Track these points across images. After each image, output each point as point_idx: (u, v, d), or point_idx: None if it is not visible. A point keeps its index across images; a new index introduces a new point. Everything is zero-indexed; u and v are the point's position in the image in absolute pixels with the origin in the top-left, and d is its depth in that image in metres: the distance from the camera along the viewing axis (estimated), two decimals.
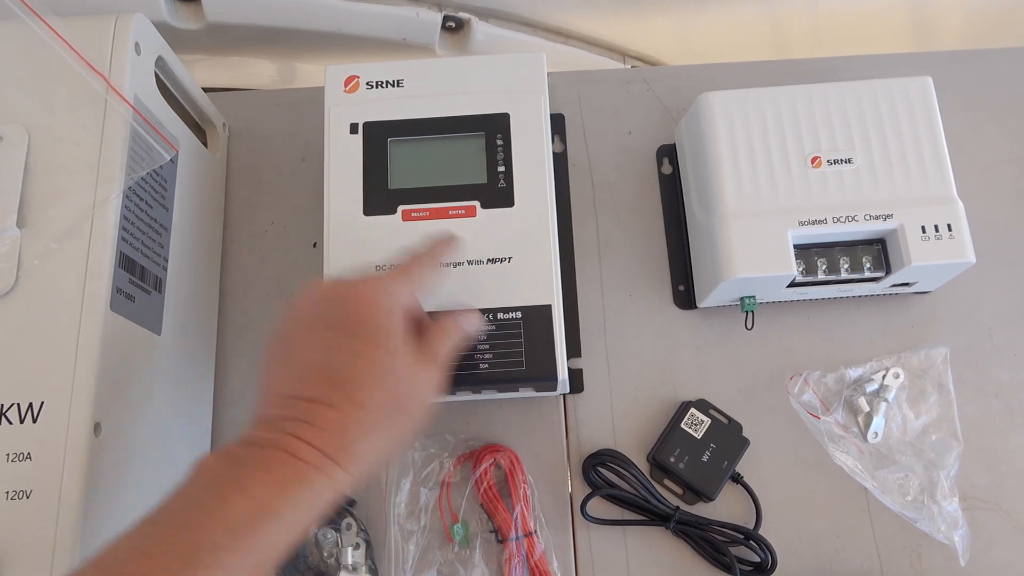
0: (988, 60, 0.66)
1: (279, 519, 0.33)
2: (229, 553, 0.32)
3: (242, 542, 0.32)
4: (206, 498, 0.33)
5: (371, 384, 0.38)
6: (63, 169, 0.46)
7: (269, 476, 0.34)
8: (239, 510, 0.33)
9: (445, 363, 0.43)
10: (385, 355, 0.39)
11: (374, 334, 0.39)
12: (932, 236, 0.52)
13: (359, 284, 0.41)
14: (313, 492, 0.35)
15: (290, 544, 0.34)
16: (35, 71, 0.47)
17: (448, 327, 0.44)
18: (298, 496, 0.34)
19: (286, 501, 0.34)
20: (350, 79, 0.55)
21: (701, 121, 0.56)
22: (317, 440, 0.35)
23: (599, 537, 0.55)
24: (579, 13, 0.77)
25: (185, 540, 0.31)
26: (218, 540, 0.32)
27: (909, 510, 0.54)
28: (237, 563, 0.32)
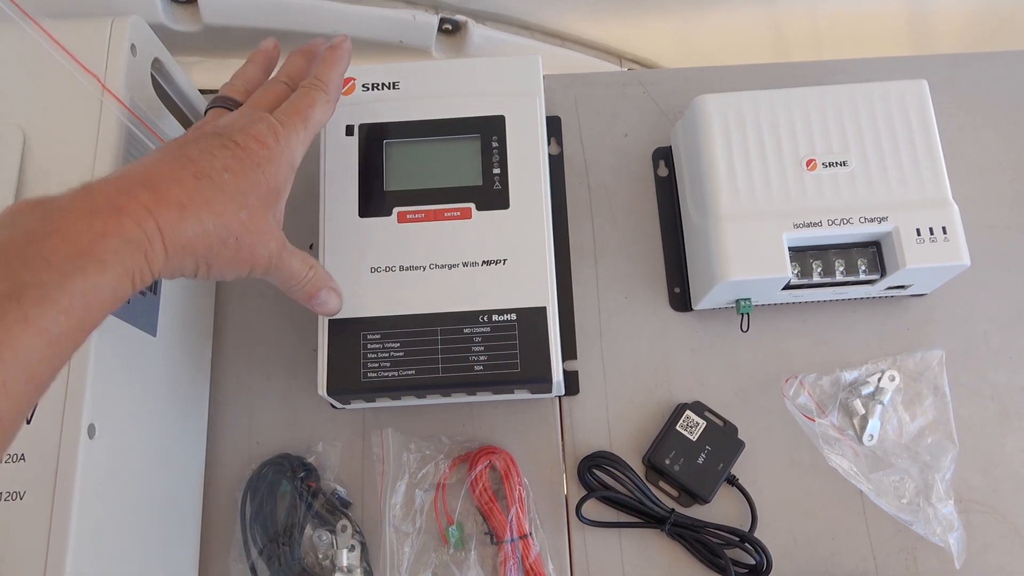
0: (984, 63, 0.67)
1: (103, 266, 0.33)
2: (56, 289, 0.31)
3: (68, 282, 0.32)
4: (21, 240, 0.32)
5: (229, 177, 0.39)
6: (58, 171, 0.46)
7: (90, 223, 0.33)
8: (60, 253, 0.32)
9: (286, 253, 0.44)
10: (254, 171, 0.40)
11: (255, 152, 0.41)
12: (927, 239, 0.52)
13: (258, 120, 0.42)
14: (132, 247, 0.34)
15: (113, 303, 0.34)
16: (30, 73, 0.47)
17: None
18: (117, 246, 0.33)
19: (106, 250, 0.33)
20: (346, 81, 0.55)
21: (696, 124, 0.56)
22: (151, 204, 0.35)
23: (594, 539, 0.55)
24: (575, 16, 0.77)
25: (6, 277, 0.31)
26: (43, 277, 0.31)
27: (904, 513, 0.53)
28: (68, 303, 0.31)
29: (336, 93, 0.47)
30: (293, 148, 0.43)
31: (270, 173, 0.41)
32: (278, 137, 0.42)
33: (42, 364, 0.31)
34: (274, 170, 0.41)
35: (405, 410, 0.58)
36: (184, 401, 0.55)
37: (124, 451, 0.46)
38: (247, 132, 0.41)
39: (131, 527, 0.47)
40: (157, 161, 0.38)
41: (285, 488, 0.55)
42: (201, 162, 0.39)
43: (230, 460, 0.58)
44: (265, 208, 0.41)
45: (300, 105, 0.44)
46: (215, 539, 0.56)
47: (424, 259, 0.51)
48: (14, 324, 0.30)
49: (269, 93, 0.46)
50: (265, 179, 0.41)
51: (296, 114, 0.44)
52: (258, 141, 0.41)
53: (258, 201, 0.41)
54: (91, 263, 0.33)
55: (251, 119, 0.42)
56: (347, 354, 0.50)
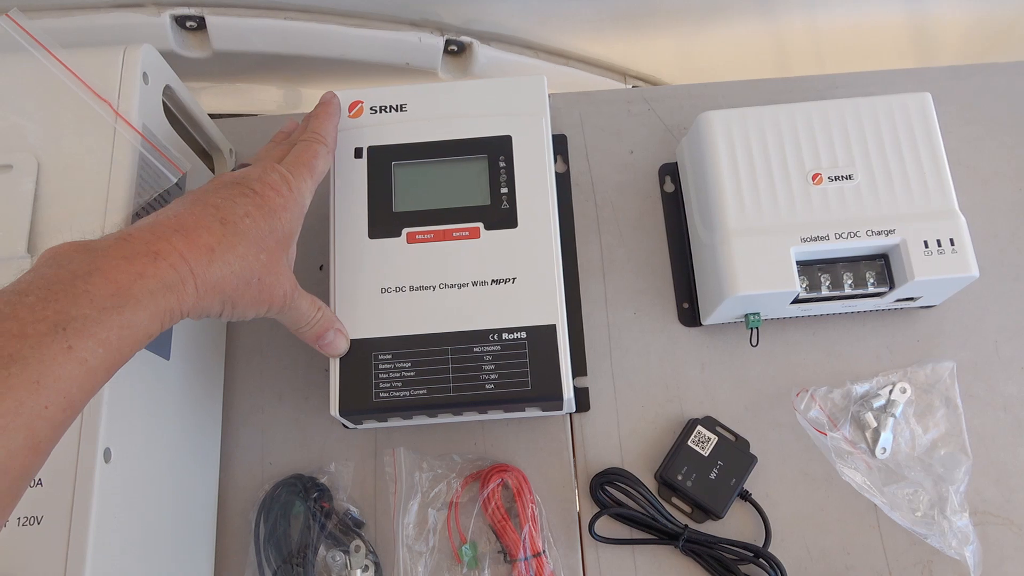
0: (987, 75, 0.67)
1: (139, 305, 0.35)
2: (95, 323, 0.34)
3: (108, 317, 0.34)
4: (67, 277, 0.34)
5: (251, 223, 0.42)
6: (72, 196, 0.47)
7: (130, 265, 0.36)
8: (102, 290, 0.34)
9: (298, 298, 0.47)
10: (271, 217, 0.43)
11: (271, 199, 0.44)
12: (935, 250, 0.52)
13: (271, 170, 0.46)
14: (166, 288, 0.37)
15: (144, 339, 0.36)
16: (44, 100, 0.48)
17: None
18: (153, 287, 0.36)
19: (143, 290, 0.36)
20: (354, 104, 0.56)
21: (702, 139, 0.57)
22: (184, 248, 0.38)
23: (608, 556, 0.55)
24: (579, 35, 0.78)
25: (52, 309, 0.33)
26: (85, 311, 0.33)
27: (919, 526, 0.53)
28: (106, 336, 0.34)
29: (333, 144, 0.52)
30: (303, 195, 0.47)
31: (285, 219, 0.44)
32: (290, 186, 0.45)
33: (79, 392, 0.33)
34: (288, 216, 0.44)
35: (417, 429, 0.58)
36: (198, 424, 0.55)
37: (139, 474, 0.46)
38: (263, 181, 0.44)
39: (146, 550, 0.47)
40: (186, 209, 0.41)
41: (298, 509, 0.55)
42: (225, 209, 0.41)
43: (243, 481, 0.58)
44: (281, 251, 0.44)
45: (304, 156, 0.48)
46: (229, 560, 0.56)
47: (434, 279, 0.52)
48: (59, 353, 0.32)
49: (275, 150, 0.50)
50: (280, 224, 0.44)
51: (302, 165, 0.47)
52: (273, 189, 0.44)
53: (275, 244, 0.43)
54: (129, 301, 0.35)
55: (264, 170, 0.45)
56: (359, 374, 0.50)
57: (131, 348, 0.36)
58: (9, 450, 0.31)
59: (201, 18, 0.66)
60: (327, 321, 0.49)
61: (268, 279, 0.43)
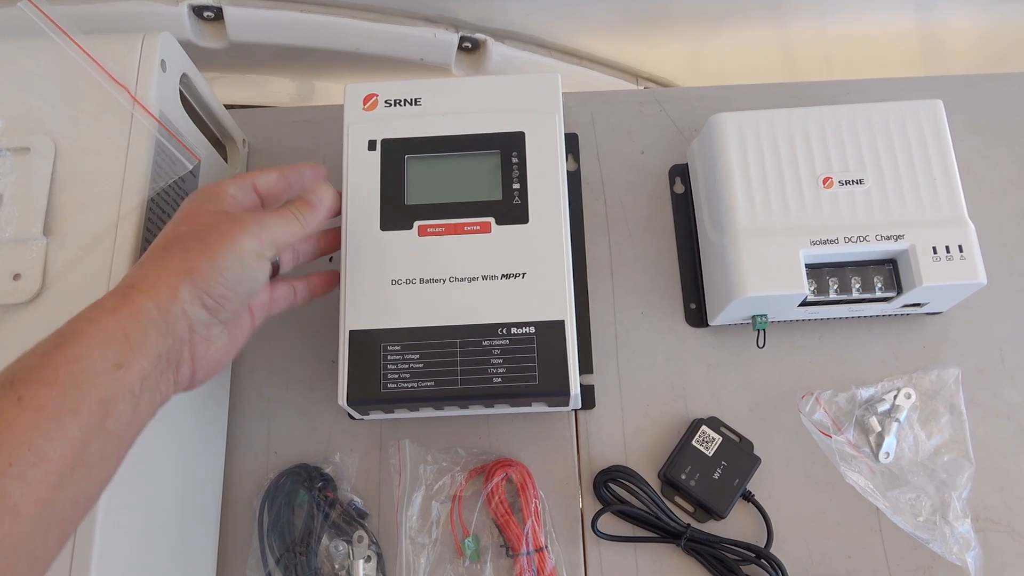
0: (998, 84, 0.67)
1: (81, 336, 0.36)
2: (40, 368, 0.34)
3: (50, 358, 0.35)
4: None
5: (183, 222, 0.42)
6: (88, 180, 0.47)
7: (119, 309, 0.37)
8: (45, 341, 0.36)
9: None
10: (202, 204, 0.44)
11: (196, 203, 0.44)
12: (943, 257, 0.52)
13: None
14: (110, 311, 0.37)
15: (113, 367, 0.36)
16: (63, 85, 0.49)
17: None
18: (93, 315, 0.37)
19: (83, 319, 0.37)
20: (369, 97, 0.56)
21: (713, 141, 0.57)
22: (127, 282, 0.39)
23: (610, 553, 0.55)
24: (592, 35, 0.79)
25: (4, 372, 0.34)
26: (28, 361, 0.35)
27: (921, 531, 0.53)
28: (53, 376, 0.34)
29: (311, 227, 0.47)
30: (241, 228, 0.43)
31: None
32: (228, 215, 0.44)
33: (45, 441, 0.32)
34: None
35: (422, 422, 0.58)
36: (205, 411, 0.56)
37: (147, 460, 0.46)
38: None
39: (152, 534, 0.47)
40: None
41: (302, 498, 0.56)
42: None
43: (248, 470, 0.58)
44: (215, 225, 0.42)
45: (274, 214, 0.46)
46: (233, 548, 0.56)
47: (444, 272, 0.52)
48: (9, 406, 0.32)
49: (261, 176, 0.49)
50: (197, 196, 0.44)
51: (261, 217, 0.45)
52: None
53: (195, 208, 0.43)
54: (70, 336, 0.36)
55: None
56: (367, 364, 0.50)
57: (94, 382, 0.35)
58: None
59: (219, 8, 0.67)
60: (302, 201, 0.47)
61: (207, 230, 0.41)
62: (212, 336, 0.42)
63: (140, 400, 0.37)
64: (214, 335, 0.42)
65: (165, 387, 0.40)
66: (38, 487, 0.32)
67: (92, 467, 0.35)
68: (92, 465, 0.35)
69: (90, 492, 0.36)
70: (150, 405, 0.39)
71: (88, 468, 0.34)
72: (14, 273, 0.45)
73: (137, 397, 0.37)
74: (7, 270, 0.45)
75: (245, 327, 0.47)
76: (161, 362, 0.39)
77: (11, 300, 0.44)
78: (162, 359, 0.39)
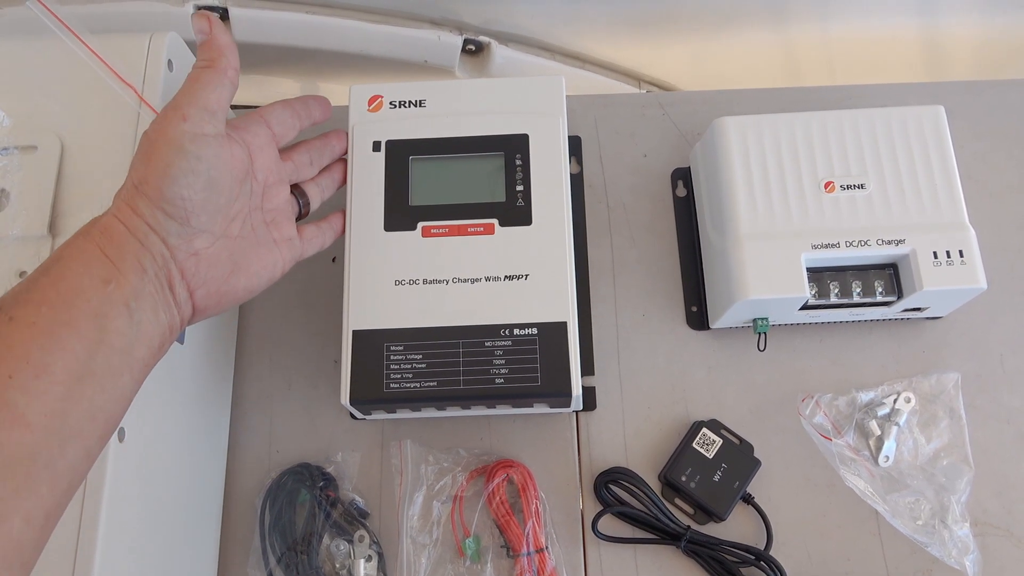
0: (1000, 90, 0.67)
1: (62, 259, 0.37)
2: (28, 291, 0.36)
3: (37, 281, 0.36)
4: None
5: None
6: (94, 178, 0.47)
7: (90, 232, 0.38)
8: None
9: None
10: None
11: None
12: (944, 262, 0.53)
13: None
14: (85, 232, 0.38)
15: (101, 284, 0.37)
16: (70, 84, 0.49)
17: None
18: (72, 239, 0.38)
19: (66, 245, 0.38)
20: (374, 98, 0.57)
21: (716, 145, 0.57)
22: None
23: (610, 555, 0.56)
24: (595, 38, 0.79)
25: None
26: (17, 288, 0.36)
27: (920, 534, 0.54)
28: (41, 296, 0.35)
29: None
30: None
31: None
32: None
33: (41, 353, 0.33)
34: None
35: (424, 422, 0.58)
36: (208, 409, 0.56)
37: (151, 455, 0.47)
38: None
39: (155, 532, 0.47)
40: None
41: (304, 497, 0.56)
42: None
43: (250, 468, 0.58)
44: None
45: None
46: (234, 546, 0.56)
47: (447, 273, 0.52)
48: (2, 327, 0.34)
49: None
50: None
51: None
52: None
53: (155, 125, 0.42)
54: (57, 261, 0.37)
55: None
56: (370, 364, 0.51)
57: (85, 297, 0.36)
58: None
59: (224, 9, 0.67)
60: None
61: (142, 145, 0.41)
62: (199, 250, 0.41)
63: (140, 316, 0.37)
64: (201, 248, 0.41)
65: (167, 308, 0.39)
66: (44, 398, 0.33)
67: (101, 379, 0.35)
68: (101, 377, 0.35)
69: (106, 407, 0.36)
70: (154, 325, 0.39)
71: (97, 380, 0.35)
72: (20, 271, 0.45)
73: (134, 312, 0.37)
74: (13, 268, 0.45)
75: (265, 257, 0.46)
76: (149, 277, 0.38)
77: None
78: (148, 274, 0.38)
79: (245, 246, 0.45)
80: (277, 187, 0.48)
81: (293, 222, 0.49)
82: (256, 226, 0.46)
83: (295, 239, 0.49)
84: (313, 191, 0.52)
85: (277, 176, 0.48)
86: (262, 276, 0.46)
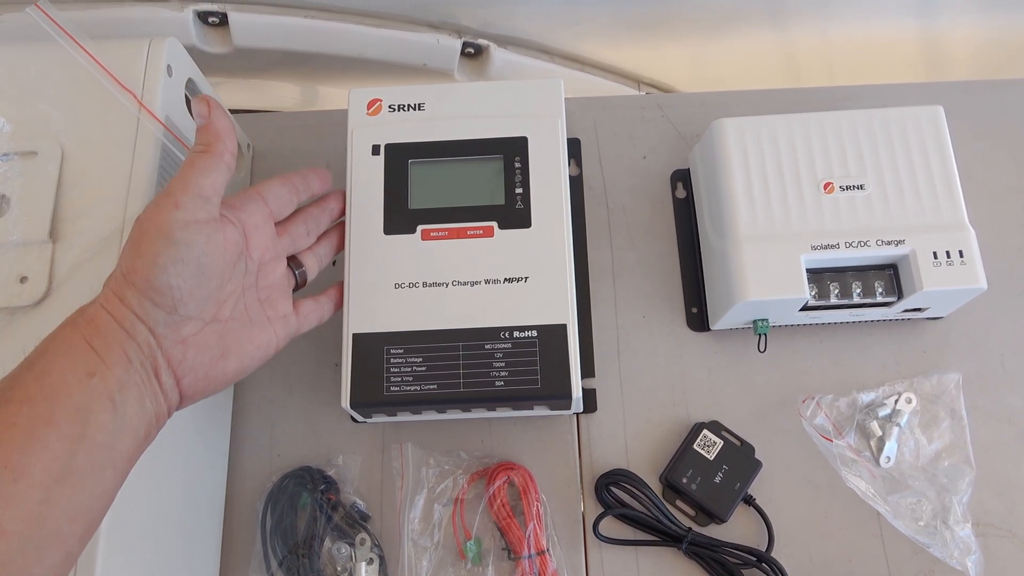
0: (999, 91, 0.67)
1: (45, 354, 0.36)
2: (10, 389, 0.35)
3: (19, 378, 0.35)
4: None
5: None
6: (94, 183, 0.47)
7: (76, 323, 0.38)
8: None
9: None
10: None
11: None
12: (944, 262, 0.53)
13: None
14: (70, 324, 0.38)
15: (86, 376, 0.36)
16: (70, 89, 0.49)
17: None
18: (56, 333, 0.38)
19: (49, 338, 0.37)
20: (373, 102, 0.57)
21: (715, 146, 0.57)
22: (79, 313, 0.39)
23: (611, 557, 0.56)
24: (594, 41, 0.79)
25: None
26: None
27: (922, 535, 0.54)
28: (24, 394, 0.35)
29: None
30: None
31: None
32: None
33: (21, 456, 0.32)
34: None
35: (424, 425, 0.58)
36: (209, 413, 0.56)
37: (151, 460, 0.46)
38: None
39: (156, 538, 0.47)
40: None
41: (305, 500, 0.56)
42: None
43: (251, 472, 0.58)
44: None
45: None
46: (235, 550, 0.56)
47: (447, 276, 0.52)
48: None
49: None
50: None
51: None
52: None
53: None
54: (39, 357, 0.36)
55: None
56: (370, 367, 0.51)
57: (67, 392, 0.35)
58: None
59: (224, 14, 0.67)
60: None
61: (132, 235, 0.40)
62: (186, 337, 0.40)
63: (125, 409, 0.36)
64: (188, 335, 0.40)
65: (153, 398, 0.38)
66: (22, 503, 0.32)
67: (83, 478, 0.34)
68: (83, 476, 0.34)
69: (88, 505, 0.35)
70: (140, 416, 0.38)
71: (78, 480, 0.34)
72: (20, 276, 0.45)
73: (119, 405, 0.36)
74: (14, 273, 0.45)
75: (258, 337, 0.45)
76: (135, 367, 0.38)
77: (17, 303, 0.45)
78: (134, 364, 0.38)
79: (236, 328, 0.43)
80: (273, 263, 0.47)
81: (289, 298, 0.48)
82: (249, 305, 0.45)
83: (291, 315, 0.48)
84: (310, 261, 0.51)
85: (273, 253, 0.47)
86: (255, 357, 0.45)
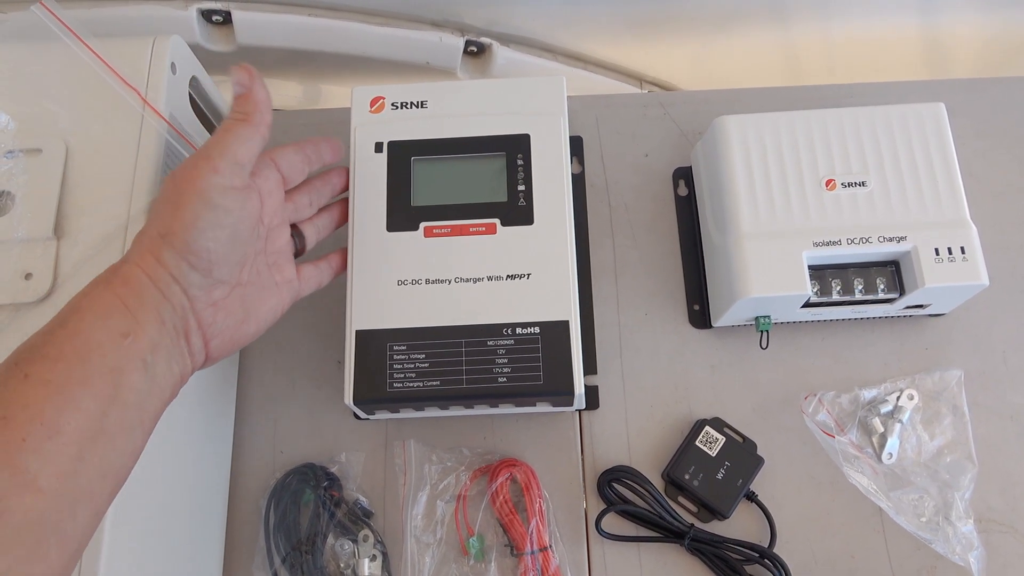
0: (1001, 88, 0.68)
1: (78, 311, 0.36)
2: (44, 345, 0.35)
3: (53, 336, 0.35)
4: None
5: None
6: (99, 181, 0.48)
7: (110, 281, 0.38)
8: (49, 322, 0.36)
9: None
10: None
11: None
12: (945, 258, 0.53)
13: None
14: (102, 283, 0.38)
15: (119, 336, 0.36)
16: (74, 87, 0.49)
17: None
18: (88, 290, 0.38)
19: (81, 296, 0.37)
20: (376, 100, 0.57)
21: (717, 144, 0.57)
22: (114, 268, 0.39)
23: (613, 553, 0.56)
24: (596, 39, 0.79)
25: (12, 354, 0.35)
26: (32, 341, 0.35)
27: (924, 531, 0.54)
28: (58, 351, 0.35)
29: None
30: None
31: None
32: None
33: (56, 413, 0.33)
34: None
35: (427, 422, 0.59)
36: (212, 410, 0.56)
37: (155, 456, 0.47)
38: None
39: (159, 534, 0.48)
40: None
41: (308, 497, 0.56)
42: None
43: (255, 469, 0.59)
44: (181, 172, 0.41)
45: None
46: (239, 546, 0.57)
47: (450, 273, 0.52)
48: (17, 383, 0.33)
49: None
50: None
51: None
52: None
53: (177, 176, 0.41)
54: (71, 314, 0.36)
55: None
56: (373, 364, 0.51)
57: (101, 352, 0.35)
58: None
59: (227, 12, 0.68)
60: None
61: (169, 194, 0.40)
62: (217, 300, 0.41)
63: (155, 370, 0.37)
64: (219, 298, 0.41)
65: (180, 359, 0.39)
66: (57, 460, 0.32)
67: (114, 438, 0.35)
68: (114, 436, 0.35)
69: (117, 464, 0.36)
70: (168, 377, 0.38)
71: (110, 439, 0.35)
72: (25, 272, 0.45)
73: (150, 366, 0.37)
74: (19, 269, 0.45)
75: (268, 300, 0.46)
76: (167, 329, 0.38)
77: (22, 299, 0.45)
78: (167, 326, 0.38)
79: (253, 292, 0.45)
80: (280, 229, 0.48)
81: (293, 263, 0.49)
82: (260, 270, 0.46)
83: (294, 280, 0.48)
84: (310, 231, 0.51)
85: (280, 218, 0.48)
86: (267, 320, 0.46)
